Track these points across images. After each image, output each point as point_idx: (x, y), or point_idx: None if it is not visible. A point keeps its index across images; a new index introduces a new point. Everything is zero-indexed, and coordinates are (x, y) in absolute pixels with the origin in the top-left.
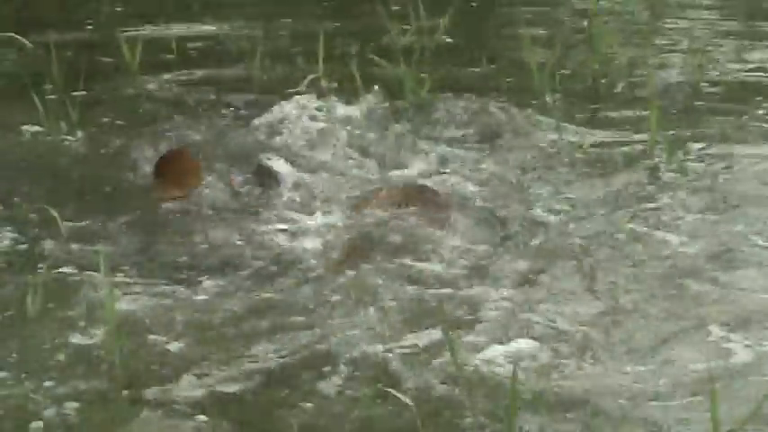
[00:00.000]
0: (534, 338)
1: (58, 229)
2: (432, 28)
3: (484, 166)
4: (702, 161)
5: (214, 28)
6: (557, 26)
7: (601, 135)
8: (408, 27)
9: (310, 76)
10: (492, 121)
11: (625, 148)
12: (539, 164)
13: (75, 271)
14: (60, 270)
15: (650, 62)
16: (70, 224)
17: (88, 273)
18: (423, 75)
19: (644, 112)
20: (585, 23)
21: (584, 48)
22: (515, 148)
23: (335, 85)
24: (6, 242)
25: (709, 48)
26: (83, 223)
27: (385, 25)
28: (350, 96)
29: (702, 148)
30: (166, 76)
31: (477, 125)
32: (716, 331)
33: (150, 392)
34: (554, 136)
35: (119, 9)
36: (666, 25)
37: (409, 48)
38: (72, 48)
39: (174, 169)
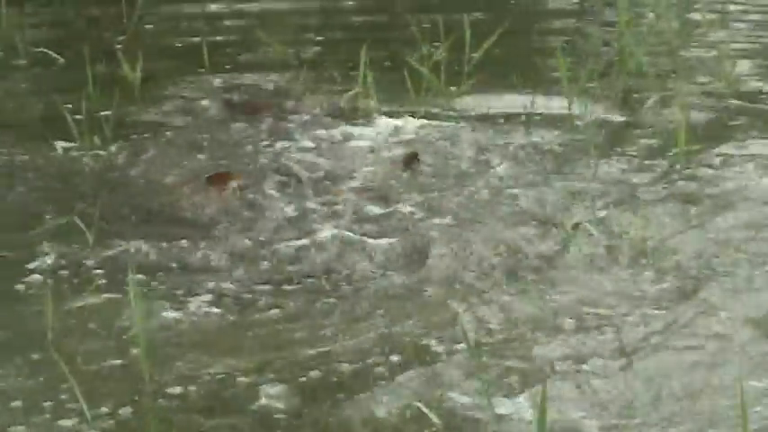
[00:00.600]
0: None
1: (87, 242)
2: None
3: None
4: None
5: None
6: (586, 38)
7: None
8: (438, 44)
9: (351, 92)
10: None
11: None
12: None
13: (106, 284)
14: (91, 285)
15: (680, 75)
16: (102, 239)
17: (116, 288)
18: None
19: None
20: (615, 39)
21: (615, 61)
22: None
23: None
24: (40, 257)
25: (740, 61)
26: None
27: (416, 41)
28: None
29: (724, 162)
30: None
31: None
32: None
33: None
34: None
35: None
36: (696, 38)
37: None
38: (103, 62)
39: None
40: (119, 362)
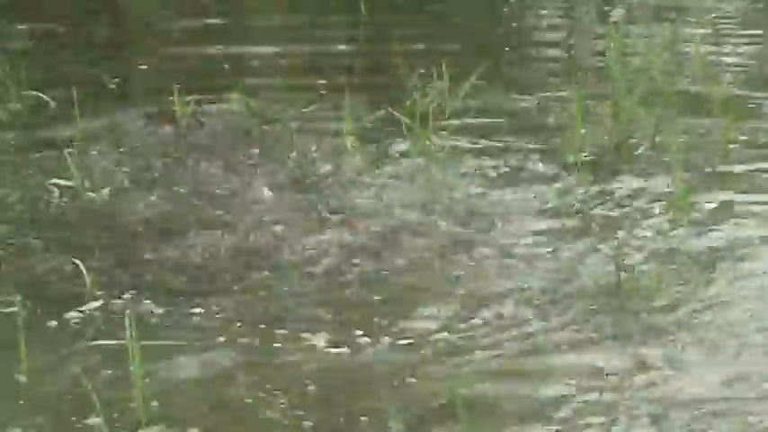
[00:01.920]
0: None
1: (84, 282)
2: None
3: None
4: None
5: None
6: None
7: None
8: (431, 87)
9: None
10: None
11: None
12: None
13: (104, 329)
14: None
15: (676, 121)
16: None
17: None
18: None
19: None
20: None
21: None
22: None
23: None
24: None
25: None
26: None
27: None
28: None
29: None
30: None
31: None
32: None
33: None
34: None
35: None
36: (689, 79)
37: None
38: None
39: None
40: None
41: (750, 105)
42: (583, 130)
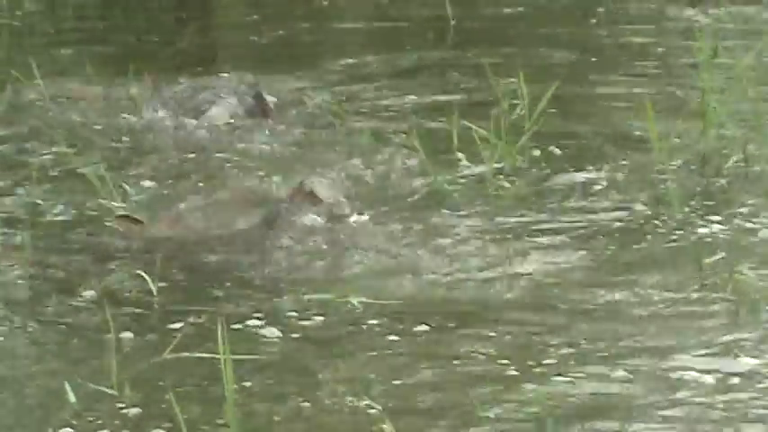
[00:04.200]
0: None
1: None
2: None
3: None
4: None
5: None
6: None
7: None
8: (518, 102)
9: None
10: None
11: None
12: None
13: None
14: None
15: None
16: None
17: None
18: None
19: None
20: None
21: (697, 123)
22: None
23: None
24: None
25: None
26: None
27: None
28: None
29: None
30: None
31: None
32: None
33: None
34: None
35: None
36: None
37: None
38: None
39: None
40: None
41: None
42: (675, 140)
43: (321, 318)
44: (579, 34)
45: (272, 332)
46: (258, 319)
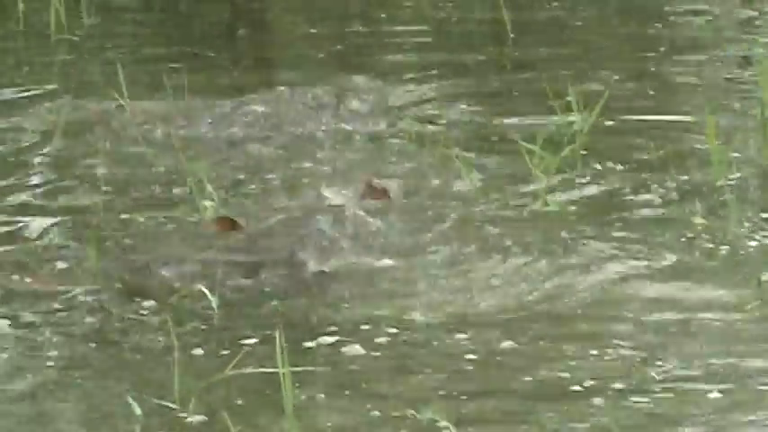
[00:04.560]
0: None
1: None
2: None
3: None
4: None
5: None
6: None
7: None
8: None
9: None
10: None
11: None
12: None
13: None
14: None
15: None
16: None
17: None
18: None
19: None
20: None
21: (757, 136)
22: None
23: None
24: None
25: None
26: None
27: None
28: None
29: None
30: None
31: None
32: None
33: None
34: None
35: None
36: None
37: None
38: None
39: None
40: None
41: None
42: (733, 154)
43: (388, 331)
44: (637, 47)
45: (336, 345)
46: (322, 333)
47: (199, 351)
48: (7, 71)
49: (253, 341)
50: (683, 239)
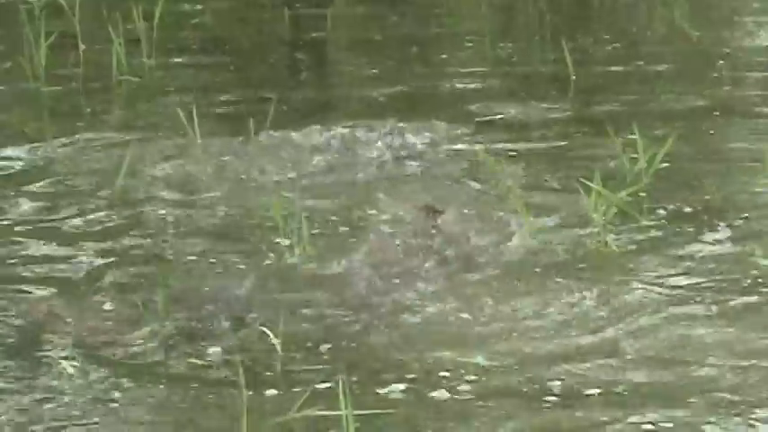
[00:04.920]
0: None
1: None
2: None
3: None
4: None
5: None
6: None
7: None
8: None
9: None
10: None
11: None
12: None
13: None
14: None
15: None
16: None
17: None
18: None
19: None
20: None
21: None
22: None
23: None
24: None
25: None
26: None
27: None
28: None
29: None
30: None
31: None
32: None
33: None
34: None
35: None
36: None
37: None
38: None
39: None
40: None
41: None
42: None
43: (449, 376)
44: (700, 85)
45: (398, 389)
46: (387, 375)
47: (266, 392)
48: (70, 111)
49: (318, 384)
50: (748, 280)
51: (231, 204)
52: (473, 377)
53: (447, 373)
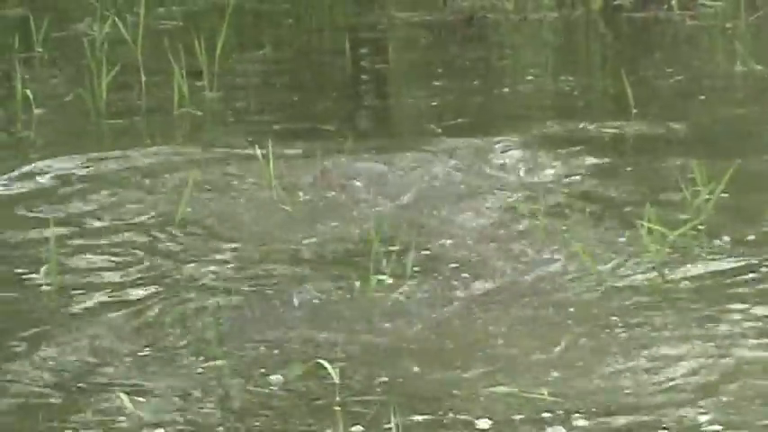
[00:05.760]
0: None
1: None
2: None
3: None
4: None
5: None
6: None
7: None
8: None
9: None
10: None
11: None
12: None
13: None
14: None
15: None
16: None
17: None
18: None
19: None
20: None
21: None
22: None
23: None
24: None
25: None
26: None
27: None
28: None
29: None
30: None
31: None
32: None
33: None
34: None
35: None
36: None
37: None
38: None
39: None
40: None
41: None
42: None
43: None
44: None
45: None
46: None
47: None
48: (130, 144)
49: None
50: None
51: (307, 232)
52: (534, 412)
53: (503, 403)
